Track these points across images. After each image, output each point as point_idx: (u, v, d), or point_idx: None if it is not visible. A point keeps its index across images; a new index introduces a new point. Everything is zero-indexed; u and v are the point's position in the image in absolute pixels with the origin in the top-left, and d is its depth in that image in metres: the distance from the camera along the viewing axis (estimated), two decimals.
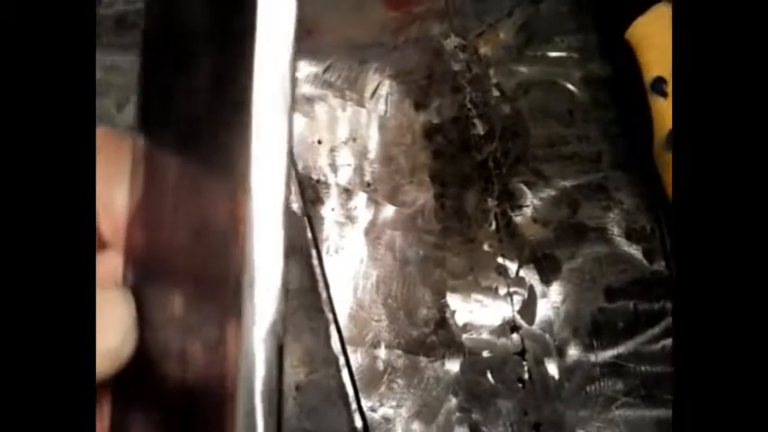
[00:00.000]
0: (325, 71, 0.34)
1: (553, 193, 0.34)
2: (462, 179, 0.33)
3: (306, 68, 0.34)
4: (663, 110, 0.31)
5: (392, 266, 0.32)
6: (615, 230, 0.33)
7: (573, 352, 0.32)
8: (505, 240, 0.33)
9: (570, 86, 0.35)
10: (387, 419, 0.30)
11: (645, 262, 0.33)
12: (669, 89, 0.31)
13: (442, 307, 0.32)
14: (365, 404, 0.30)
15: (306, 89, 0.33)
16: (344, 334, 0.31)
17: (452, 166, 0.34)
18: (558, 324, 0.32)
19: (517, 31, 0.35)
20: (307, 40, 0.34)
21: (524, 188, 0.34)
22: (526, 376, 0.31)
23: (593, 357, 0.32)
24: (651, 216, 0.34)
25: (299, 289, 0.30)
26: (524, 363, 0.32)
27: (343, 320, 0.31)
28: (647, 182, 0.34)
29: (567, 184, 0.34)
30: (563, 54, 0.35)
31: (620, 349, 0.32)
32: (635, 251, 0.33)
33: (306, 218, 0.31)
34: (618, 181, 0.34)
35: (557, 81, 0.35)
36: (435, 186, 0.33)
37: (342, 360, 0.29)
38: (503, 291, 0.32)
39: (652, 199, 0.34)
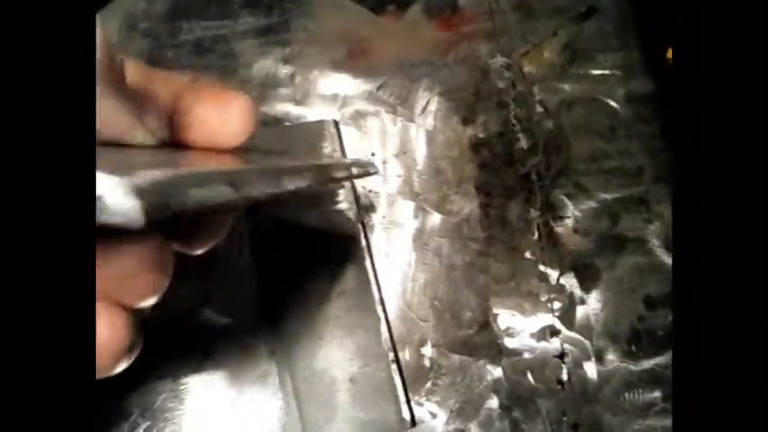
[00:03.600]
0: (378, 89, 0.36)
1: (594, 205, 0.35)
2: (506, 190, 0.35)
3: (361, 86, 0.36)
4: None
5: (439, 271, 0.33)
6: (655, 242, 0.34)
7: (611, 357, 0.33)
8: (547, 249, 0.34)
9: (612, 103, 0.36)
10: (432, 414, 0.32)
11: None
12: None
13: (486, 310, 0.33)
14: (412, 398, 0.32)
15: (360, 105, 0.35)
16: (394, 332, 0.32)
17: (497, 177, 0.35)
18: (597, 330, 0.33)
19: (561, 49, 0.36)
20: (362, 60, 0.36)
21: (566, 200, 0.35)
22: (565, 378, 0.32)
23: (631, 364, 0.33)
24: None
25: (354, 289, 0.31)
26: (564, 365, 0.33)
27: (392, 320, 0.32)
28: None
29: (608, 196, 0.35)
30: (606, 72, 0.36)
31: (660, 358, 0.33)
32: None
33: (360, 224, 0.33)
34: (659, 194, 0.34)
35: (599, 98, 0.36)
36: (480, 197, 0.34)
37: (391, 356, 0.31)
38: (544, 297, 0.33)
39: None
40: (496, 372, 0.32)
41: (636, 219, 0.34)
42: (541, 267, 0.34)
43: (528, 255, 0.34)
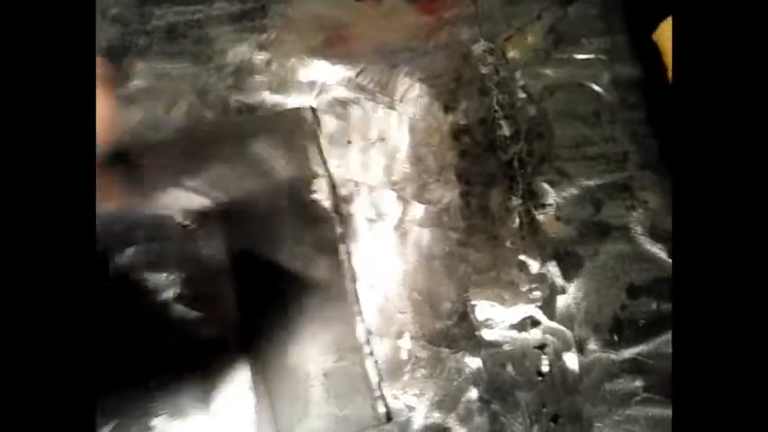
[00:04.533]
0: (358, 75, 0.35)
1: (576, 192, 0.34)
2: (487, 178, 0.34)
3: (340, 72, 0.35)
4: None
5: (418, 261, 0.33)
6: (639, 229, 0.33)
7: (593, 347, 0.32)
8: (528, 238, 0.34)
9: (597, 88, 0.35)
10: (409, 407, 0.31)
11: (669, 261, 0.33)
12: None
13: (465, 301, 0.32)
14: (389, 392, 0.31)
15: (339, 92, 0.35)
16: (371, 325, 0.31)
17: (478, 165, 0.34)
18: (578, 320, 0.32)
19: (545, 34, 0.36)
20: (341, 46, 0.36)
21: (548, 187, 0.34)
22: (546, 369, 0.32)
23: (613, 353, 0.32)
24: None
25: (328, 282, 0.31)
26: (544, 356, 0.32)
27: (370, 312, 0.32)
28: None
29: (591, 183, 0.34)
30: (590, 56, 0.35)
31: (642, 347, 0.32)
32: (659, 250, 0.33)
33: (336, 214, 0.32)
34: (644, 181, 0.34)
35: (583, 83, 0.35)
36: (461, 185, 0.34)
37: (367, 350, 0.30)
38: (524, 287, 0.33)
39: None
40: (475, 364, 0.32)
41: (619, 206, 0.34)
42: (522, 257, 0.33)
43: (508, 244, 0.33)
